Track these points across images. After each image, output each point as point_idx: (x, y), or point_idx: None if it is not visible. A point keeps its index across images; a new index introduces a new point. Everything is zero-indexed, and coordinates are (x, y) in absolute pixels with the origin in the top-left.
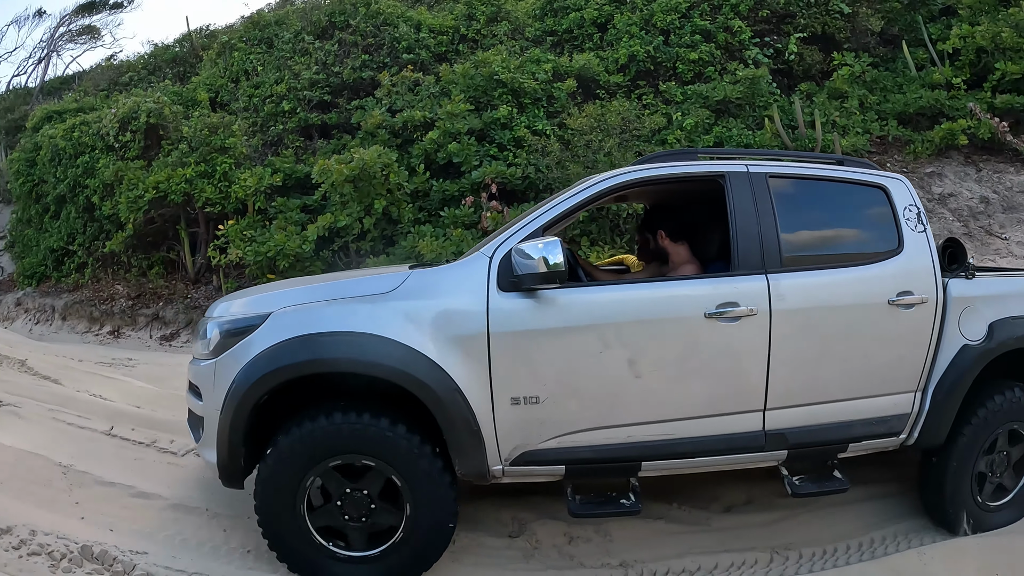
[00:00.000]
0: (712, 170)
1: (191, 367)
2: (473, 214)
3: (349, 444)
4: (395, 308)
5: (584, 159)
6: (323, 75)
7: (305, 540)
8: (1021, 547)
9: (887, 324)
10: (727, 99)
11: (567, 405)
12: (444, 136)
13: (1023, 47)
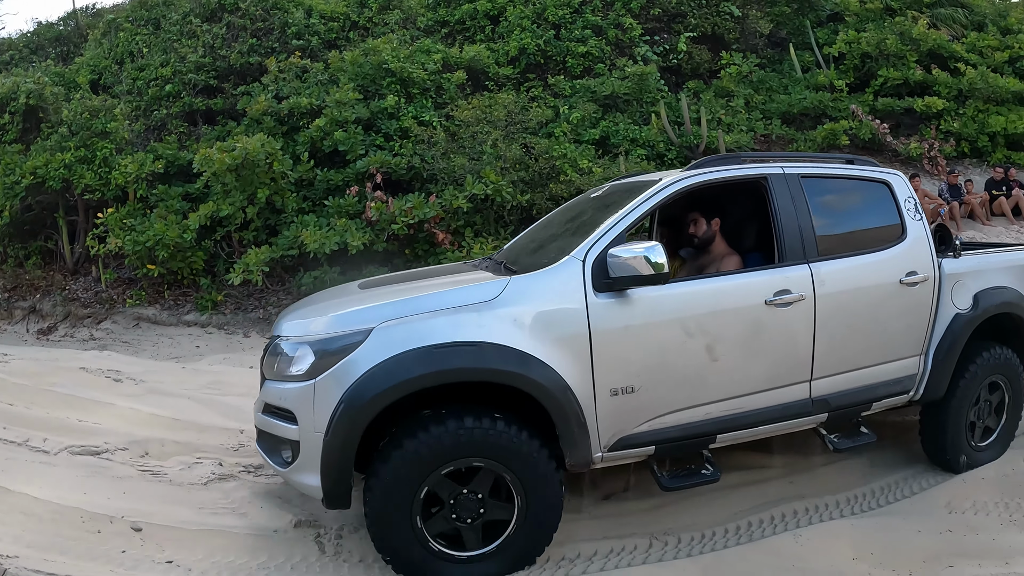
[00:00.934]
0: (758, 172)
1: (271, 390)
2: (358, 204)
3: (468, 448)
4: (501, 315)
5: (470, 150)
6: (210, 59)
7: (423, 547)
8: (895, 526)
9: (899, 300)
10: (615, 94)
11: (657, 391)
12: (331, 124)
13: (906, 54)
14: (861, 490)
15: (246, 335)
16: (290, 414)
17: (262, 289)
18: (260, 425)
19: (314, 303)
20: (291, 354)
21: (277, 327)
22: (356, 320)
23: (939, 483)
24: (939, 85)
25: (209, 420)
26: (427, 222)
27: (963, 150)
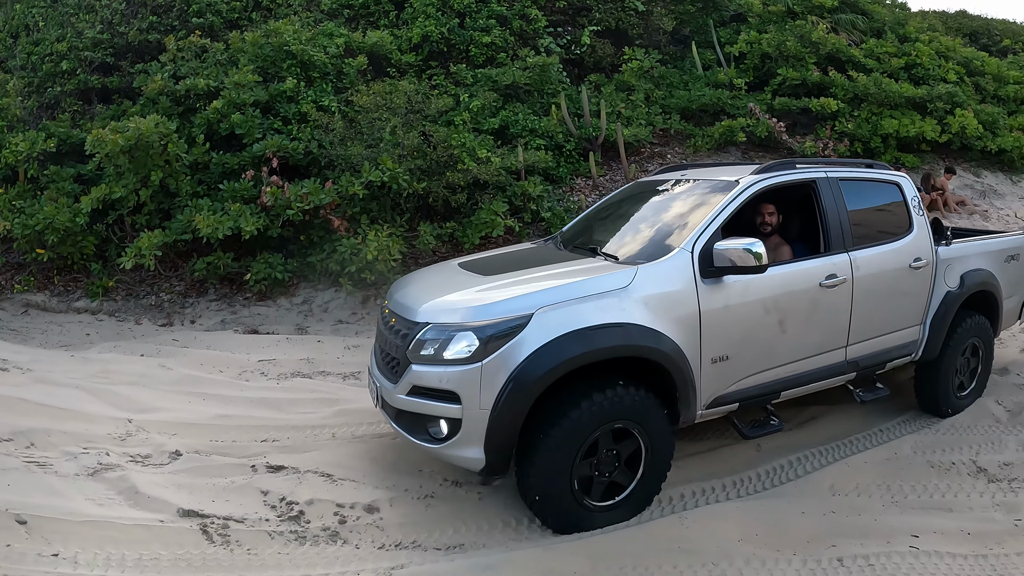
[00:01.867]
0: (810, 176)
1: (425, 373)
2: (253, 188)
3: (618, 412)
4: (635, 299)
5: (368, 137)
6: (108, 35)
7: (569, 492)
8: (780, 508)
9: (908, 281)
10: (516, 84)
11: (743, 359)
12: (228, 106)
13: (805, 56)
14: (747, 473)
15: (138, 322)
16: (452, 394)
17: (155, 275)
18: (405, 407)
19: (437, 287)
20: (450, 340)
21: (408, 312)
22: (518, 307)
23: (823, 467)
24: (836, 87)
25: (97, 410)
26: (323, 208)
27: (856, 150)
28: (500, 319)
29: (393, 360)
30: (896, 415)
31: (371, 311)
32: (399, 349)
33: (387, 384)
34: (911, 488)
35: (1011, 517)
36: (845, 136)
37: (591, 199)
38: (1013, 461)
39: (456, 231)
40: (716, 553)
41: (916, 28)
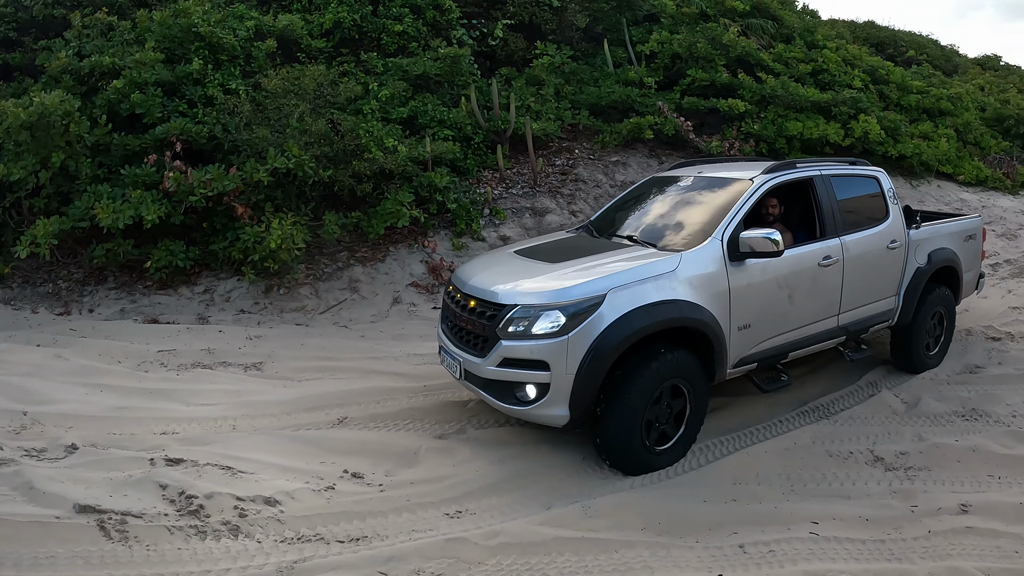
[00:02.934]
0: (808, 175)
1: (516, 347)
2: (156, 173)
3: (675, 372)
4: (682, 280)
5: (275, 123)
6: (11, 8)
7: (641, 439)
8: (682, 497)
9: (886, 260)
10: (427, 74)
11: (761, 326)
12: (130, 86)
13: (715, 58)
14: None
15: (34, 311)
16: (542, 363)
17: (52, 262)
18: (496, 376)
19: (510, 274)
20: (537, 317)
21: (491, 296)
22: (594, 288)
23: (725, 456)
24: (744, 89)
25: None
26: (226, 195)
27: (762, 151)
28: (581, 299)
29: (477, 338)
30: (796, 407)
31: (274, 301)
32: (486, 328)
33: (473, 359)
34: (810, 477)
35: (907, 504)
36: (751, 137)
37: (497, 191)
38: (909, 451)
39: (361, 221)
40: (620, 542)
41: (825, 36)
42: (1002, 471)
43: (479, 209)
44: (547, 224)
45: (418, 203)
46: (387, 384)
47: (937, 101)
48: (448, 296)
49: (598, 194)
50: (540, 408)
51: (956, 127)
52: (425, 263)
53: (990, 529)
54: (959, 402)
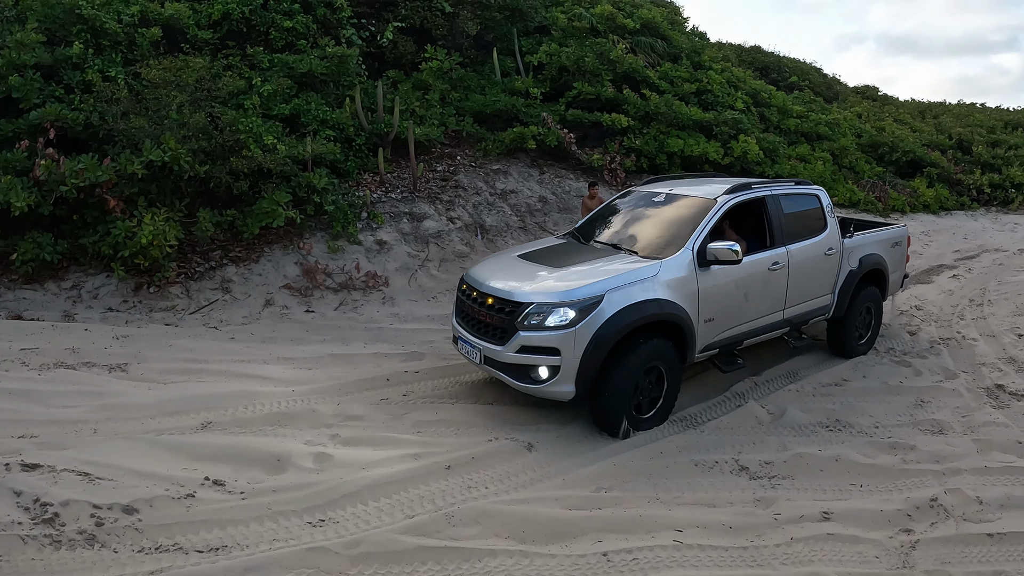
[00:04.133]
0: (762, 194)
1: (533, 336)
2: (27, 160)
3: (655, 356)
4: (662, 282)
5: (153, 114)
6: None
7: (629, 409)
8: (547, 505)
9: (824, 264)
10: (313, 73)
11: (722, 319)
12: (7, 67)
13: (602, 72)
14: (513, 467)
15: None
16: (555, 350)
17: None
18: (515, 361)
19: (520, 276)
20: (550, 313)
21: (508, 294)
22: (595, 290)
23: (592, 464)
24: (628, 105)
25: None
26: (99, 186)
27: (643, 165)
28: (586, 298)
29: (497, 329)
30: (666, 424)
31: (143, 299)
32: (505, 321)
33: (493, 346)
34: (675, 485)
35: (770, 512)
36: (633, 152)
37: (376, 195)
38: (773, 460)
39: (237, 219)
40: (482, 551)
41: (712, 57)
42: (864, 480)
43: (357, 212)
44: (424, 229)
45: (296, 203)
46: (255, 388)
47: (816, 126)
48: (463, 294)
49: (477, 201)
50: (551, 386)
51: (833, 151)
52: (300, 265)
53: (851, 535)
54: (824, 413)
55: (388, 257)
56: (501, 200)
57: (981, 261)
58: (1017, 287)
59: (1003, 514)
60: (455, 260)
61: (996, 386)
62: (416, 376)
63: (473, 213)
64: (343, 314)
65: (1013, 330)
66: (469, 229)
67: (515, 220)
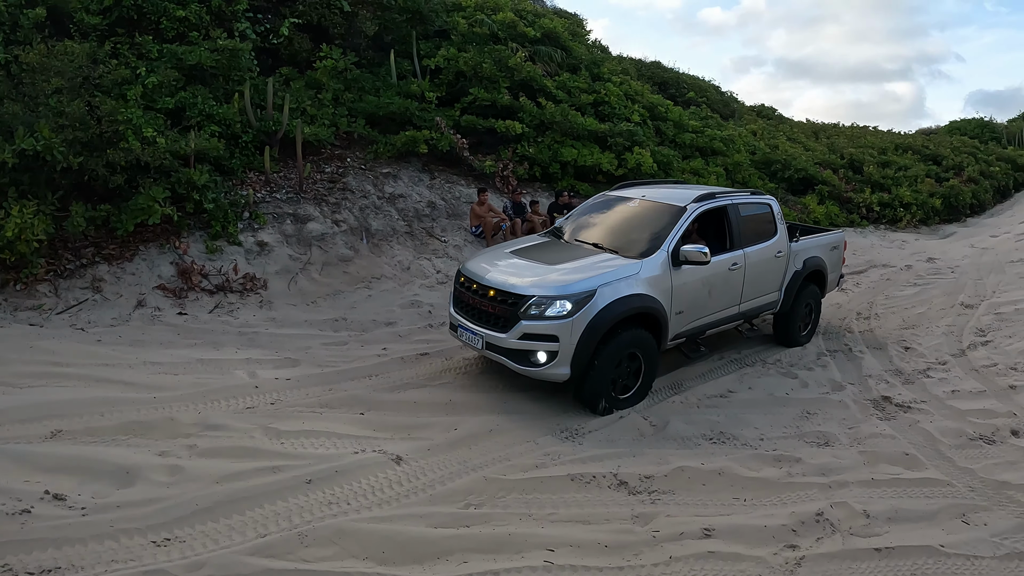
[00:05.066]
0: (725, 203)
1: (534, 325)
2: None
3: (633, 343)
4: (643, 279)
5: (30, 100)
6: None
7: (609, 390)
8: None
9: (773, 265)
10: (202, 65)
11: (690, 311)
12: None
13: (499, 79)
14: (378, 482)
15: None
16: (553, 337)
17: None
18: (517, 347)
19: (519, 271)
20: (550, 304)
21: (510, 287)
22: (588, 285)
23: (461, 477)
24: (524, 112)
25: None
26: None
27: (535, 174)
28: (581, 292)
29: (499, 318)
30: (548, 430)
31: (8, 297)
32: (508, 311)
33: (496, 334)
34: (549, 501)
35: (649, 529)
36: (526, 159)
37: (260, 195)
38: (653, 474)
39: (112, 215)
40: (337, 574)
41: (611, 70)
42: (747, 494)
43: (239, 212)
44: (308, 232)
45: (175, 200)
46: (115, 394)
47: (711, 141)
48: (462, 286)
49: (365, 204)
50: (549, 368)
51: (727, 166)
52: (175, 265)
53: (733, 553)
54: (708, 425)
55: (268, 259)
56: (389, 204)
57: (869, 276)
58: (903, 301)
59: (891, 528)
60: (338, 264)
61: (883, 398)
62: (287, 384)
63: (360, 216)
64: (217, 317)
65: (899, 343)
66: (355, 233)
67: (402, 225)
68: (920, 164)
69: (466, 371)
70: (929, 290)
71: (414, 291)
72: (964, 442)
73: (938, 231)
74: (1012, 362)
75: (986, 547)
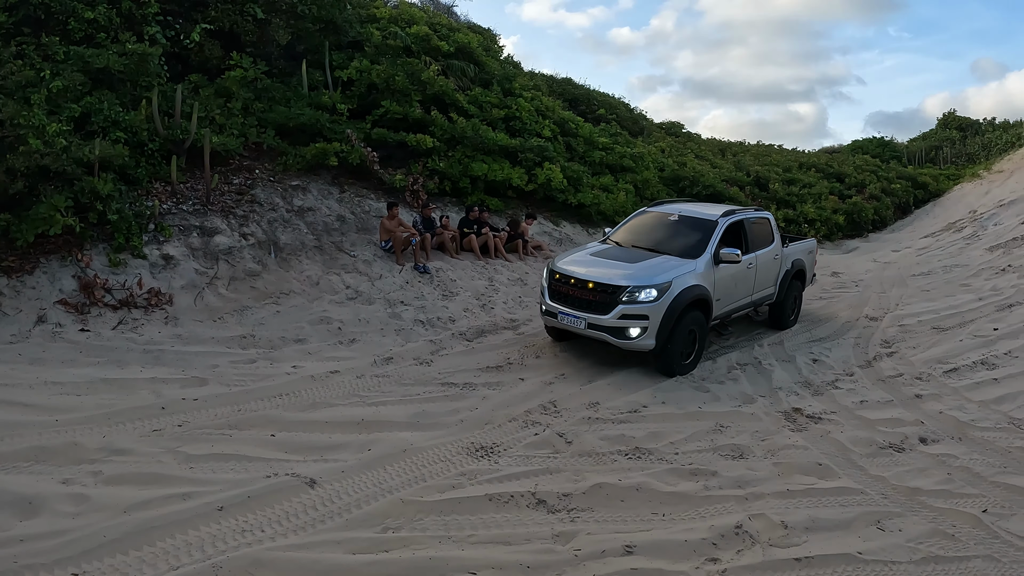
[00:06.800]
0: (743, 218)
1: (629, 308)
2: None
3: (693, 321)
4: (697, 274)
5: None
6: None
7: (680, 359)
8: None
9: (773, 265)
10: (110, 69)
11: (724, 299)
12: None
13: (411, 93)
14: (292, 507)
15: None
16: (644, 316)
17: None
18: (616, 324)
19: (609, 268)
20: (640, 292)
21: (608, 279)
22: (667, 277)
23: (377, 499)
24: (435, 126)
25: None
26: None
27: (446, 188)
28: (663, 283)
29: (598, 304)
30: (460, 452)
31: None
32: (608, 298)
33: (597, 316)
34: (469, 522)
35: (570, 547)
36: (436, 174)
37: (167, 206)
38: (572, 491)
39: (11, 224)
40: None
41: (523, 85)
42: (666, 508)
43: (144, 223)
44: (215, 245)
45: (78, 210)
46: (14, 417)
47: (620, 158)
48: (559, 282)
49: (273, 218)
50: (640, 340)
51: (636, 183)
52: (77, 279)
53: (656, 569)
54: (623, 441)
55: (174, 273)
56: (298, 217)
57: None
58: (810, 315)
59: (809, 537)
60: (246, 279)
61: (794, 409)
62: (195, 404)
63: (268, 230)
64: (121, 334)
65: (808, 355)
66: (263, 247)
67: (311, 239)
68: (824, 182)
69: (378, 388)
70: (834, 304)
71: (323, 307)
72: (875, 451)
73: (841, 246)
74: (917, 372)
75: (902, 552)
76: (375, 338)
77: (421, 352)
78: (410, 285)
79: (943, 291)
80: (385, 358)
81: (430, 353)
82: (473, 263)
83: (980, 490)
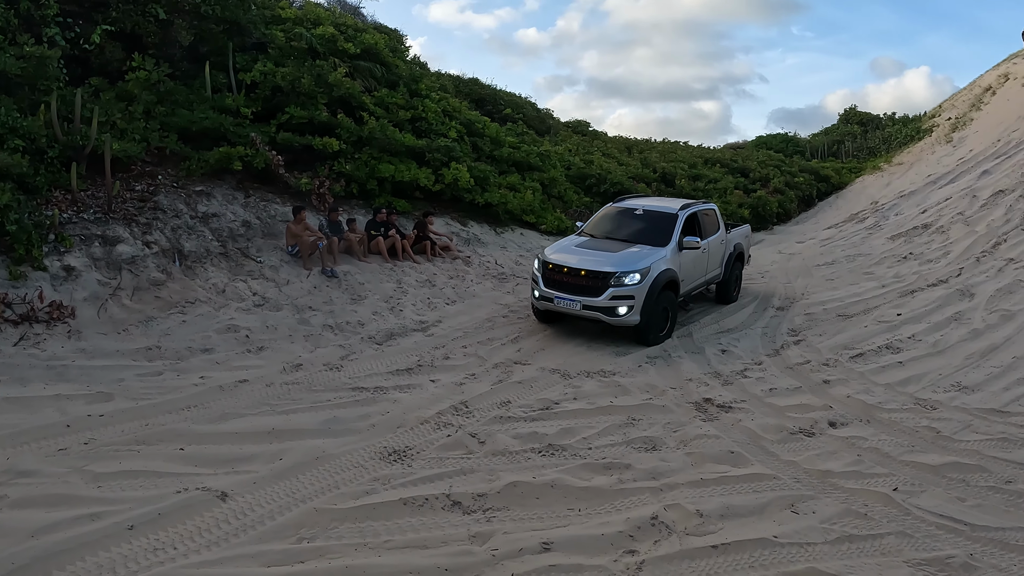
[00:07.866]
0: (698, 210)
1: (617, 291)
2: None
3: (666, 300)
4: (667, 260)
5: None
6: None
7: (658, 331)
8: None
9: (719, 249)
10: (7, 73)
11: (687, 280)
12: None
13: (317, 95)
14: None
15: None
16: (631, 296)
17: None
18: (608, 304)
19: (596, 256)
20: (626, 276)
21: (598, 266)
22: (646, 263)
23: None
24: (342, 129)
25: None
26: None
27: (353, 191)
28: (644, 268)
29: (591, 288)
30: (373, 457)
31: None
32: (600, 282)
33: (591, 299)
34: (384, 528)
35: (487, 548)
36: (343, 176)
37: (67, 215)
38: (486, 491)
39: None
40: None
41: (429, 86)
42: (581, 504)
43: (44, 234)
44: (118, 254)
45: None
46: None
47: (527, 156)
48: (553, 271)
49: (177, 225)
50: (628, 317)
51: (543, 181)
52: None
53: (574, 564)
54: (535, 438)
55: (76, 285)
56: (203, 224)
57: None
58: (716, 307)
59: (724, 524)
60: (150, 288)
61: (704, 400)
62: (101, 420)
63: (172, 237)
64: (23, 350)
65: (716, 346)
66: (167, 255)
67: (216, 246)
68: (729, 177)
69: (288, 395)
70: (741, 295)
71: (230, 315)
72: (785, 437)
73: None
74: (824, 358)
75: (817, 534)
76: (284, 345)
77: (331, 357)
78: (318, 290)
79: (847, 280)
80: (294, 365)
81: (340, 358)
82: (381, 266)
83: (890, 469)
